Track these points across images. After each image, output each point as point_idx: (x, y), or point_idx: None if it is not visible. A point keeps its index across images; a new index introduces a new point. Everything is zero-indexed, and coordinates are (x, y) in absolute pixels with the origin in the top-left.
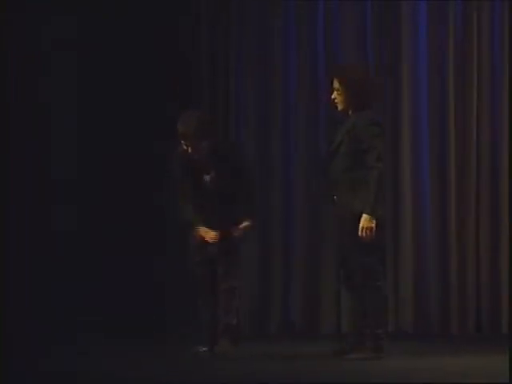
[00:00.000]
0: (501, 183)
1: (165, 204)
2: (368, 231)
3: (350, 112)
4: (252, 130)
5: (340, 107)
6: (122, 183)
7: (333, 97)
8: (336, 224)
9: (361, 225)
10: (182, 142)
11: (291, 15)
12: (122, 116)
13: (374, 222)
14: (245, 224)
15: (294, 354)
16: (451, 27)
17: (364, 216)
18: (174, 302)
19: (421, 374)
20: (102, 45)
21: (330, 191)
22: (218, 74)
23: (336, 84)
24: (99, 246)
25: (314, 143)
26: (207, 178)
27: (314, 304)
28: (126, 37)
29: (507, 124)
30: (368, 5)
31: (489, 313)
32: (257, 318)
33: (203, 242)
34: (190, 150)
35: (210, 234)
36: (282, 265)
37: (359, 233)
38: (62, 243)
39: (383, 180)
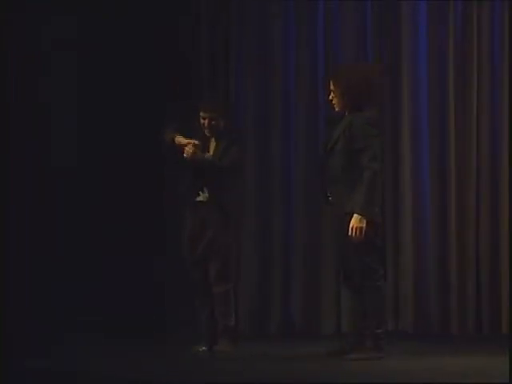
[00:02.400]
0: (501, 183)
1: (165, 204)
2: (357, 231)
3: (346, 113)
4: (252, 129)
5: (337, 108)
6: (122, 183)
7: (330, 98)
8: (335, 224)
9: (350, 224)
10: (202, 114)
11: (291, 15)
12: (122, 116)
13: (365, 222)
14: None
15: (293, 354)
16: (451, 27)
17: (354, 216)
18: (173, 302)
19: (421, 374)
20: (102, 45)
21: (326, 190)
22: (218, 74)
23: (332, 85)
24: (99, 246)
25: (314, 143)
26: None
27: (313, 304)
28: (126, 37)
29: (507, 124)
30: (368, 5)
31: (489, 313)
32: (257, 318)
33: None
34: (206, 124)
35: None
36: (282, 265)
37: (349, 232)
38: (62, 243)
39: (378, 180)
